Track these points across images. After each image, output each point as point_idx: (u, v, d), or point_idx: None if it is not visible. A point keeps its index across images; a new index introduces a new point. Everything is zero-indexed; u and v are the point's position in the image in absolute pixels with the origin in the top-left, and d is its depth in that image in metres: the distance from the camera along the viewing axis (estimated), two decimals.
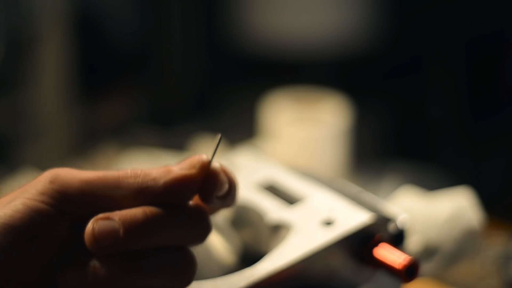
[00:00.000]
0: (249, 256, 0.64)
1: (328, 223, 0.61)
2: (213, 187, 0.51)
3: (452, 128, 2.07)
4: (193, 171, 0.50)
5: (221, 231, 0.63)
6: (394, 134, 2.12)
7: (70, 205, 0.49)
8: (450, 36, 2.08)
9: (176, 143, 1.27)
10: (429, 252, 0.73)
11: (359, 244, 0.61)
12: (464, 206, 0.75)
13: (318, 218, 0.62)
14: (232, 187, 0.52)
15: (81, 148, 1.74)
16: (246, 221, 0.67)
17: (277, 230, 0.63)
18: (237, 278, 0.56)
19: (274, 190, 0.68)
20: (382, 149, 2.06)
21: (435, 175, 1.42)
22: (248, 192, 0.67)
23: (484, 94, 2.12)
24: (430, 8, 2.13)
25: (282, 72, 2.13)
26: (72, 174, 0.50)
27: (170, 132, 1.81)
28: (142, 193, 0.49)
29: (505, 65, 2.10)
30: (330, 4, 2.17)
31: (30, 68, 1.90)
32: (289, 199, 0.66)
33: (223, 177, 0.51)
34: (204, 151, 1.09)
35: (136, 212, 0.49)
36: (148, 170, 0.51)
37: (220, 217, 0.64)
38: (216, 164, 0.51)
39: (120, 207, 0.49)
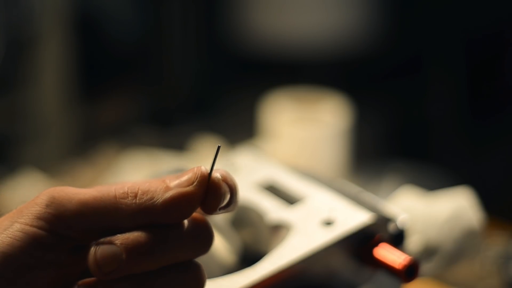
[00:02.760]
0: (249, 256, 0.64)
1: (328, 223, 0.61)
2: (215, 200, 0.49)
3: (452, 128, 2.07)
4: (192, 188, 0.48)
5: (221, 231, 0.63)
6: (394, 134, 2.12)
7: (68, 229, 0.48)
8: (450, 36, 2.08)
9: (176, 143, 1.27)
10: (429, 252, 0.73)
11: (359, 244, 0.61)
12: (464, 206, 0.75)
13: (318, 218, 0.62)
14: (233, 194, 0.50)
15: (81, 148, 1.73)
16: (246, 221, 0.67)
17: (277, 230, 0.63)
18: (237, 278, 0.56)
19: (274, 190, 0.68)
20: (382, 149, 2.05)
21: (435, 175, 1.42)
22: (248, 192, 0.67)
23: (484, 94, 2.12)
24: (430, 8, 2.13)
25: (282, 72, 2.13)
26: (69, 196, 0.48)
27: (170, 132, 1.81)
28: (140, 213, 0.48)
29: (505, 65, 2.10)
30: (330, 4, 2.17)
31: (30, 68, 1.90)
32: (289, 199, 0.66)
33: (225, 189, 0.49)
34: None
35: (137, 234, 0.47)
36: (146, 186, 0.48)
37: (220, 217, 0.64)
38: (216, 175, 0.49)
39: (119, 228, 0.48)
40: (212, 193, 0.48)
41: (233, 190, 0.50)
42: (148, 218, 0.48)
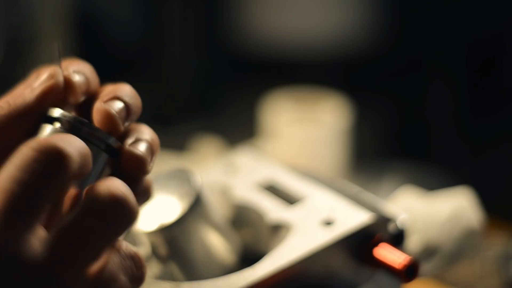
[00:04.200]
0: (249, 256, 0.64)
1: (328, 223, 0.61)
2: (73, 88, 0.54)
3: (452, 128, 2.07)
4: (53, 81, 0.54)
5: (221, 231, 0.63)
6: (394, 134, 2.12)
7: None
8: (451, 36, 2.08)
9: (176, 143, 1.27)
10: (429, 252, 0.73)
11: (359, 244, 0.61)
12: (464, 206, 0.75)
13: (318, 218, 0.62)
14: (87, 76, 0.56)
15: None
16: (246, 221, 0.67)
17: (277, 230, 0.63)
18: (237, 278, 0.56)
19: (274, 190, 0.68)
20: (382, 149, 2.05)
21: (435, 175, 1.42)
22: (248, 192, 0.67)
23: (484, 94, 2.12)
24: (431, 8, 2.13)
25: (282, 72, 2.13)
26: None
27: (170, 132, 1.80)
28: (16, 114, 0.52)
29: (505, 66, 2.10)
30: (330, 4, 2.17)
31: (30, 68, 1.90)
32: (289, 199, 0.66)
33: (77, 78, 0.55)
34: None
35: None
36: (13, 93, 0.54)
37: (220, 217, 0.64)
38: (66, 71, 0.55)
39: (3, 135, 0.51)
40: (67, 83, 0.54)
41: (84, 72, 0.56)
42: (25, 118, 0.52)
